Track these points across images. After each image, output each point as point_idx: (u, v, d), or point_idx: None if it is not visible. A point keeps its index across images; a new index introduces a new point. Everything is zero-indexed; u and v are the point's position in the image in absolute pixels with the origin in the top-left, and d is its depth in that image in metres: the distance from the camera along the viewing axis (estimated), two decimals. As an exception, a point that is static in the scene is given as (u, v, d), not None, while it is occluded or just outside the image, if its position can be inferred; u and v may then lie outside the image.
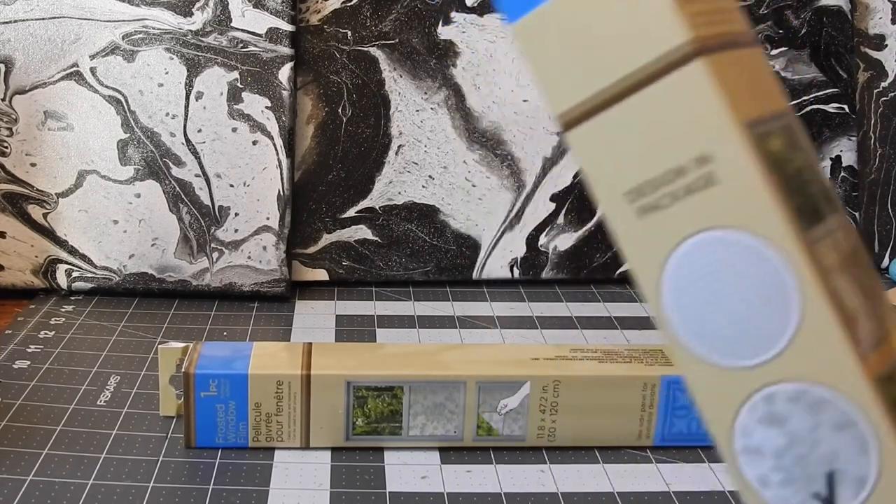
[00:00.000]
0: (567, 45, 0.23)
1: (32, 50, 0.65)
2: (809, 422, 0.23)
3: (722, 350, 0.23)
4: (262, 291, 0.67)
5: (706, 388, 0.23)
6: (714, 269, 0.23)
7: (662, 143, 0.23)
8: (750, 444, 0.23)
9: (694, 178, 0.23)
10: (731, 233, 0.23)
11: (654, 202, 0.23)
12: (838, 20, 0.72)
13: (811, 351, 0.23)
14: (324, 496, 0.44)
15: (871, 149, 0.76)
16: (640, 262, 0.24)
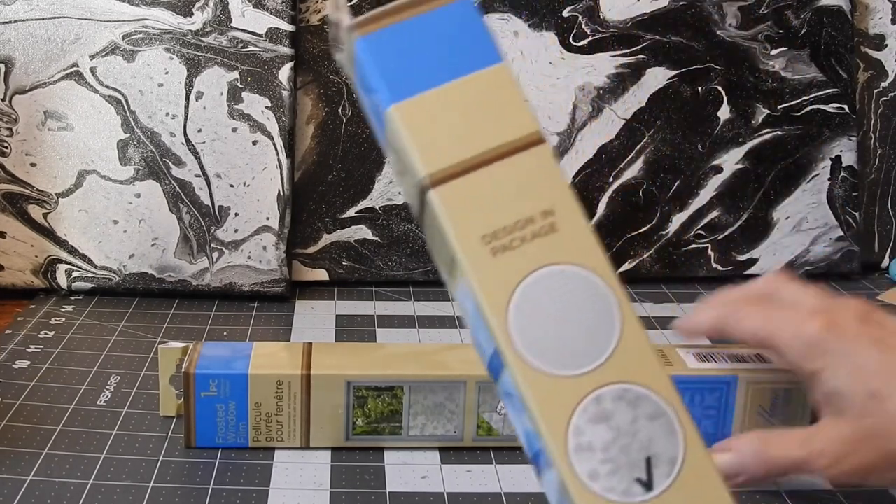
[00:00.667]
0: (444, 122, 0.30)
1: (32, 50, 0.65)
2: (630, 415, 0.28)
3: (559, 362, 0.28)
4: (262, 291, 0.67)
5: (544, 397, 0.28)
6: (554, 295, 0.29)
7: (516, 199, 0.29)
8: (582, 442, 0.27)
9: (540, 226, 0.29)
10: (568, 267, 0.29)
11: (506, 244, 0.29)
12: (838, 20, 0.72)
13: (630, 358, 0.28)
14: (324, 496, 0.44)
15: (871, 149, 0.76)
16: (492, 292, 0.29)
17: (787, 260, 0.73)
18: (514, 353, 0.28)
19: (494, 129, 0.30)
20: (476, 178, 0.29)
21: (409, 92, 0.30)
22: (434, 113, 0.30)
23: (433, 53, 0.30)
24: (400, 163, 0.32)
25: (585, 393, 0.28)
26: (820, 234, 0.73)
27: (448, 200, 0.29)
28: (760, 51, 0.71)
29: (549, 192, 0.30)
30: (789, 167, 0.73)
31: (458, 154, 0.30)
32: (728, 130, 0.72)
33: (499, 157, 0.30)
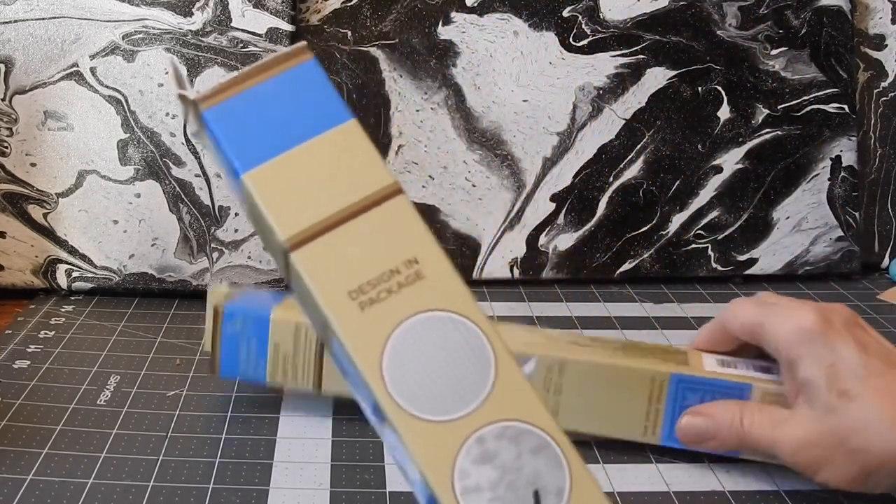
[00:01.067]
0: (298, 185, 0.30)
1: (32, 50, 0.65)
2: (514, 451, 0.28)
3: (437, 408, 0.28)
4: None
5: (426, 444, 0.28)
6: (425, 342, 0.29)
7: (378, 252, 0.30)
8: (469, 484, 0.27)
9: (405, 276, 0.29)
10: (437, 313, 0.29)
11: (373, 297, 0.29)
12: (838, 20, 0.72)
13: (507, 395, 0.28)
14: (324, 496, 0.44)
15: (871, 149, 0.76)
16: (363, 347, 0.29)
17: (787, 260, 0.73)
18: (392, 403, 0.28)
19: (349, 186, 0.31)
20: (335, 236, 0.30)
21: (260, 159, 0.30)
22: (287, 177, 0.30)
23: (281, 118, 0.31)
24: (262, 229, 0.32)
25: (466, 435, 0.28)
26: (820, 234, 0.73)
27: (310, 261, 0.30)
28: (760, 51, 0.72)
29: (411, 241, 0.30)
30: (789, 167, 0.73)
31: (315, 215, 0.30)
32: (728, 130, 0.72)
33: (356, 213, 0.30)
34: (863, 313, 0.67)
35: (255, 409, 0.52)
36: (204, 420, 0.51)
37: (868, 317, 0.67)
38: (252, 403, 0.53)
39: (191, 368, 0.56)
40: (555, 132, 0.71)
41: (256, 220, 0.32)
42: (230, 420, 0.51)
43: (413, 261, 0.30)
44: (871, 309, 0.68)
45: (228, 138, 0.31)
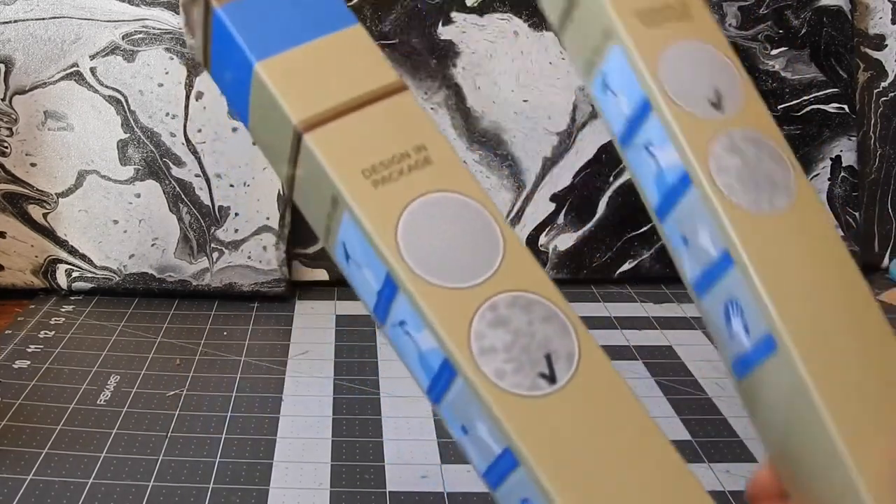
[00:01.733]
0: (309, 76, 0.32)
1: (32, 50, 0.65)
2: (525, 318, 0.30)
3: (451, 276, 0.30)
4: (262, 291, 0.67)
5: (443, 308, 0.30)
6: (437, 218, 0.31)
7: (389, 138, 0.31)
8: (485, 345, 0.29)
9: (415, 160, 0.31)
10: (448, 193, 0.31)
11: (386, 176, 0.31)
12: (838, 20, 0.72)
13: (515, 269, 0.30)
14: (324, 496, 0.44)
15: (871, 149, 0.75)
16: (379, 219, 0.30)
17: (787, 260, 0.73)
18: (408, 271, 0.30)
19: (359, 80, 0.32)
20: (348, 121, 0.32)
21: (272, 51, 0.32)
22: (299, 68, 0.32)
23: (291, 17, 0.33)
24: (268, 127, 0.33)
25: (480, 302, 0.30)
26: (820, 234, 0.73)
27: (324, 142, 0.31)
28: (760, 51, 0.71)
29: (419, 130, 0.32)
30: (789, 167, 0.73)
31: (328, 101, 0.32)
32: (728, 130, 0.72)
33: (366, 102, 0.32)
34: (863, 313, 0.67)
35: (256, 410, 0.52)
36: (204, 420, 0.51)
37: (868, 317, 0.67)
38: (252, 404, 0.53)
39: (191, 368, 0.56)
40: (555, 132, 0.71)
41: (264, 119, 0.34)
42: (230, 420, 0.51)
43: (421, 147, 0.32)
44: (871, 309, 0.68)
45: (241, 32, 0.32)
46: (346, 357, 0.59)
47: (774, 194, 0.31)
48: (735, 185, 0.31)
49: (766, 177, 0.32)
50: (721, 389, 0.55)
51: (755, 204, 0.31)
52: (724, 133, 0.32)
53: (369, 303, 0.33)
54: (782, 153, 0.32)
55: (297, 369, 0.57)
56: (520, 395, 0.29)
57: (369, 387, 0.55)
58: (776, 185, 0.32)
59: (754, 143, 0.32)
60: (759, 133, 0.32)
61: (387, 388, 0.55)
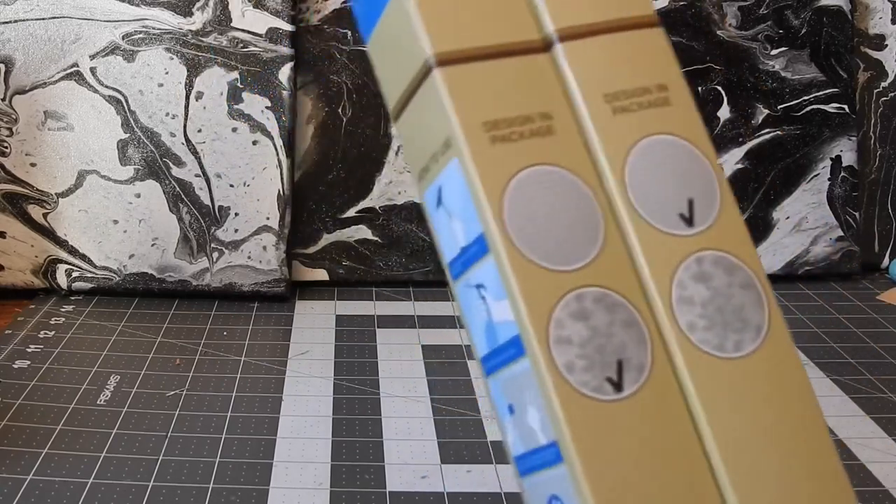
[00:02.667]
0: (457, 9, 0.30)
1: (32, 50, 0.65)
2: (607, 318, 0.28)
3: (545, 255, 0.29)
4: (262, 291, 0.67)
5: (531, 286, 0.28)
6: (545, 192, 0.29)
7: (519, 95, 0.30)
8: (562, 334, 0.28)
9: (538, 126, 0.30)
10: (560, 170, 0.29)
11: (505, 135, 0.29)
12: (838, 20, 0.72)
13: (610, 266, 0.29)
14: (324, 496, 0.44)
15: (871, 149, 0.76)
16: (488, 176, 0.29)
17: (788, 260, 0.73)
18: (505, 238, 0.29)
19: (505, 27, 0.30)
20: (483, 67, 0.30)
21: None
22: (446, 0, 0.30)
23: None
24: (394, 47, 0.31)
25: (569, 289, 0.28)
26: (820, 234, 0.73)
27: (454, 81, 0.29)
28: (760, 51, 0.72)
29: (550, 97, 0.30)
30: (789, 167, 0.73)
31: (468, 41, 0.30)
32: (728, 130, 0.72)
33: (506, 53, 0.30)
34: (863, 314, 0.67)
35: (255, 410, 0.52)
36: (204, 420, 0.51)
37: (868, 317, 0.67)
38: (252, 404, 0.53)
39: (191, 368, 0.56)
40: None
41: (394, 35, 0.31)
42: (230, 420, 0.51)
43: (547, 115, 0.30)
44: (870, 309, 0.68)
45: None
46: (346, 357, 0.59)
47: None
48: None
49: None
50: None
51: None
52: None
53: (448, 254, 0.31)
54: (754, 277, 0.29)
55: (297, 369, 0.57)
56: (583, 394, 0.28)
57: (369, 387, 0.55)
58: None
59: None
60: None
61: (387, 388, 0.55)
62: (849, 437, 0.50)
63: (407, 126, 0.32)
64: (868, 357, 0.60)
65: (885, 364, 0.59)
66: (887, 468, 0.48)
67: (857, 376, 0.57)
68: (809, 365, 0.59)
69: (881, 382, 0.57)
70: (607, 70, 0.31)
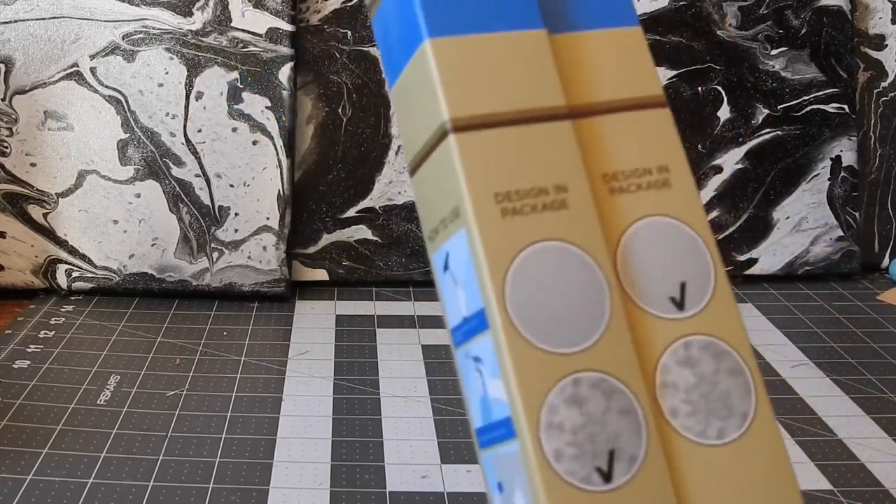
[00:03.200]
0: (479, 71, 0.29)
1: (32, 50, 0.65)
2: (603, 405, 0.28)
3: (546, 337, 0.28)
4: (262, 291, 0.67)
5: (526, 367, 0.28)
6: (552, 270, 0.28)
7: (534, 166, 0.29)
8: (554, 420, 0.27)
9: (552, 199, 0.29)
10: (571, 247, 0.29)
11: (517, 208, 0.29)
12: (838, 20, 0.72)
13: (612, 349, 0.28)
14: (324, 496, 0.44)
15: (871, 149, 0.76)
16: (495, 250, 0.28)
17: (787, 260, 0.73)
18: (505, 317, 0.28)
19: (527, 92, 0.29)
20: (502, 134, 0.29)
21: (450, 30, 0.30)
22: (471, 58, 0.29)
23: (477, 4, 0.30)
24: (416, 106, 0.31)
25: (566, 373, 0.28)
26: (820, 234, 0.73)
27: (468, 149, 0.29)
28: (760, 51, 0.72)
29: (566, 168, 0.29)
30: (789, 167, 0.73)
31: (487, 106, 0.29)
32: (728, 130, 0.72)
33: (526, 120, 0.29)
34: (862, 314, 0.67)
35: (255, 410, 0.52)
36: (204, 420, 0.51)
37: (868, 317, 0.67)
38: (252, 404, 0.53)
39: (191, 368, 0.56)
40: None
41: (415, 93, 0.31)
42: (230, 420, 0.51)
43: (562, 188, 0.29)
44: (870, 309, 0.68)
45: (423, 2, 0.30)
46: (346, 357, 0.59)
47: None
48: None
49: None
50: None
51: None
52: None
53: (451, 321, 0.31)
54: (742, 363, 0.29)
55: (297, 369, 0.57)
56: (570, 484, 0.27)
57: (369, 387, 0.55)
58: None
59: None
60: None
61: (387, 388, 0.55)
62: (849, 437, 0.50)
63: (421, 185, 0.31)
64: (868, 357, 0.60)
65: (885, 364, 0.59)
66: (887, 468, 0.48)
67: (857, 376, 0.57)
68: (809, 365, 0.59)
69: (881, 382, 0.57)
70: (611, 149, 0.30)
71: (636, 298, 0.29)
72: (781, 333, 0.64)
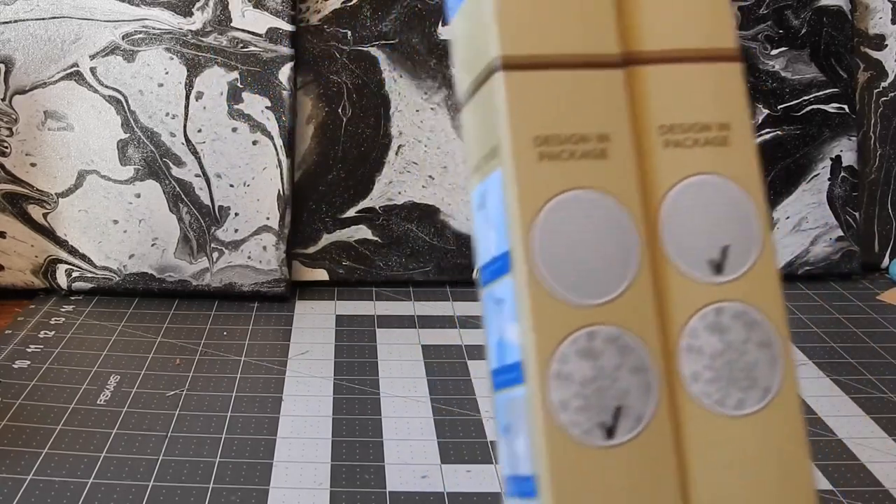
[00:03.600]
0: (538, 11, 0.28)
1: (32, 50, 0.65)
2: (616, 361, 0.27)
3: (568, 286, 0.27)
4: (262, 291, 0.67)
5: (543, 315, 0.27)
6: (583, 219, 0.28)
7: (579, 112, 0.28)
8: (564, 370, 0.27)
9: (592, 147, 0.28)
10: (606, 197, 0.28)
11: (555, 153, 0.28)
12: (838, 20, 0.72)
13: (634, 305, 0.27)
14: (324, 496, 0.44)
15: (871, 149, 0.76)
16: (528, 194, 0.28)
17: (787, 260, 0.73)
18: (529, 261, 0.27)
19: (585, 36, 0.29)
20: (550, 76, 0.28)
21: None
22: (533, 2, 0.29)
23: None
24: (473, 39, 0.30)
25: (582, 324, 0.27)
26: (820, 234, 0.73)
27: (513, 88, 0.28)
28: (760, 51, 0.72)
29: (612, 117, 0.28)
30: (789, 167, 0.73)
31: (539, 46, 0.28)
32: (728, 130, 0.72)
33: (579, 64, 0.29)
34: (862, 313, 0.67)
35: (255, 410, 0.52)
36: (204, 420, 0.51)
37: (868, 317, 0.67)
38: (252, 404, 0.53)
39: (191, 368, 0.56)
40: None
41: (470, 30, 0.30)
42: (230, 420, 0.51)
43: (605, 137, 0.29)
44: (870, 309, 0.68)
45: None
46: (346, 357, 0.59)
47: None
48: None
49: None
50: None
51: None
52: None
53: (482, 257, 0.30)
54: (775, 335, 0.29)
55: (297, 369, 0.57)
56: (571, 436, 0.27)
57: (369, 387, 0.55)
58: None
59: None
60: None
61: (387, 388, 0.55)
62: (849, 437, 0.50)
63: (468, 118, 0.31)
64: (868, 357, 0.60)
65: (885, 364, 0.59)
66: (887, 468, 0.48)
67: (857, 376, 0.57)
68: (809, 365, 0.59)
69: (881, 382, 0.57)
70: (672, 100, 0.29)
71: (673, 257, 0.28)
72: (781, 333, 0.63)
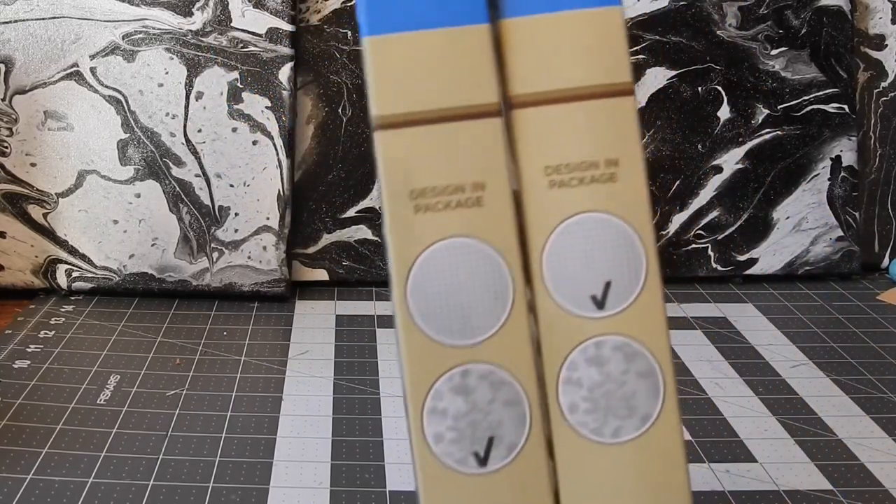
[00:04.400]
0: (409, 68, 0.30)
1: (32, 50, 0.65)
2: (488, 396, 0.29)
3: (441, 328, 0.29)
4: (262, 291, 0.67)
5: (418, 357, 0.29)
6: (457, 264, 0.29)
7: (454, 164, 0.29)
8: (438, 406, 0.29)
9: (468, 196, 0.29)
10: (478, 242, 0.29)
11: (430, 205, 0.29)
12: (838, 20, 0.72)
13: (507, 343, 0.29)
14: (324, 495, 0.44)
15: (871, 149, 0.76)
16: (401, 249, 0.29)
17: (787, 260, 0.73)
18: (404, 308, 0.29)
19: (458, 89, 0.30)
20: (422, 132, 0.29)
21: (390, 28, 0.30)
22: (405, 56, 0.30)
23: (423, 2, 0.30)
24: None
25: (455, 364, 0.29)
26: (820, 234, 0.73)
27: (388, 147, 0.29)
28: (760, 51, 0.72)
29: (488, 165, 0.30)
30: (789, 167, 0.73)
31: (412, 104, 0.30)
32: (728, 130, 0.72)
33: (451, 118, 0.30)
34: (863, 314, 0.67)
35: (255, 409, 0.52)
36: (204, 420, 0.51)
37: (868, 317, 0.67)
38: (252, 403, 0.53)
39: (191, 368, 0.56)
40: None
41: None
42: (230, 419, 0.51)
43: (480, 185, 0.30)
44: (870, 309, 0.68)
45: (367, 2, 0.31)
46: (346, 357, 0.59)
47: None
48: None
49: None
50: (721, 389, 0.55)
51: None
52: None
53: None
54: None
55: (297, 369, 0.57)
56: (444, 465, 0.29)
57: (369, 387, 0.55)
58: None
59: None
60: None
61: (387, 388, 0.55)
62: (849, 437, 0.50)
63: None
64: (868, 357, 0.60)
65: (885, 364, 0.59)
66: (887, 468, 0.48)
67: (857, 376, 0.57)
68: (809, 365, 0.59)
69: (881, 382, 0.57)
70: (558, 140, 0.30)
71: (555, 295, 0.29)
72: (781, 333, 0.64)
